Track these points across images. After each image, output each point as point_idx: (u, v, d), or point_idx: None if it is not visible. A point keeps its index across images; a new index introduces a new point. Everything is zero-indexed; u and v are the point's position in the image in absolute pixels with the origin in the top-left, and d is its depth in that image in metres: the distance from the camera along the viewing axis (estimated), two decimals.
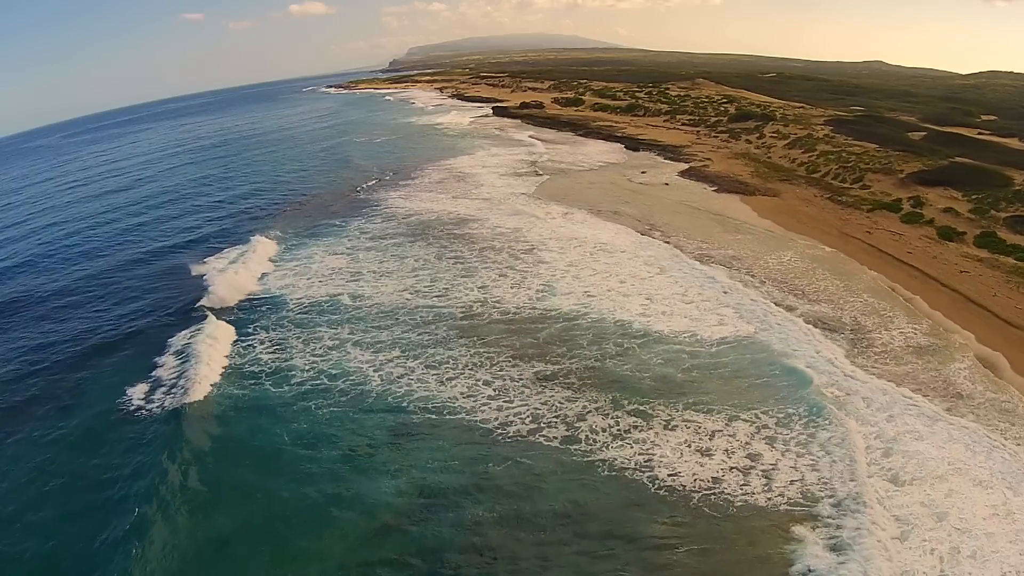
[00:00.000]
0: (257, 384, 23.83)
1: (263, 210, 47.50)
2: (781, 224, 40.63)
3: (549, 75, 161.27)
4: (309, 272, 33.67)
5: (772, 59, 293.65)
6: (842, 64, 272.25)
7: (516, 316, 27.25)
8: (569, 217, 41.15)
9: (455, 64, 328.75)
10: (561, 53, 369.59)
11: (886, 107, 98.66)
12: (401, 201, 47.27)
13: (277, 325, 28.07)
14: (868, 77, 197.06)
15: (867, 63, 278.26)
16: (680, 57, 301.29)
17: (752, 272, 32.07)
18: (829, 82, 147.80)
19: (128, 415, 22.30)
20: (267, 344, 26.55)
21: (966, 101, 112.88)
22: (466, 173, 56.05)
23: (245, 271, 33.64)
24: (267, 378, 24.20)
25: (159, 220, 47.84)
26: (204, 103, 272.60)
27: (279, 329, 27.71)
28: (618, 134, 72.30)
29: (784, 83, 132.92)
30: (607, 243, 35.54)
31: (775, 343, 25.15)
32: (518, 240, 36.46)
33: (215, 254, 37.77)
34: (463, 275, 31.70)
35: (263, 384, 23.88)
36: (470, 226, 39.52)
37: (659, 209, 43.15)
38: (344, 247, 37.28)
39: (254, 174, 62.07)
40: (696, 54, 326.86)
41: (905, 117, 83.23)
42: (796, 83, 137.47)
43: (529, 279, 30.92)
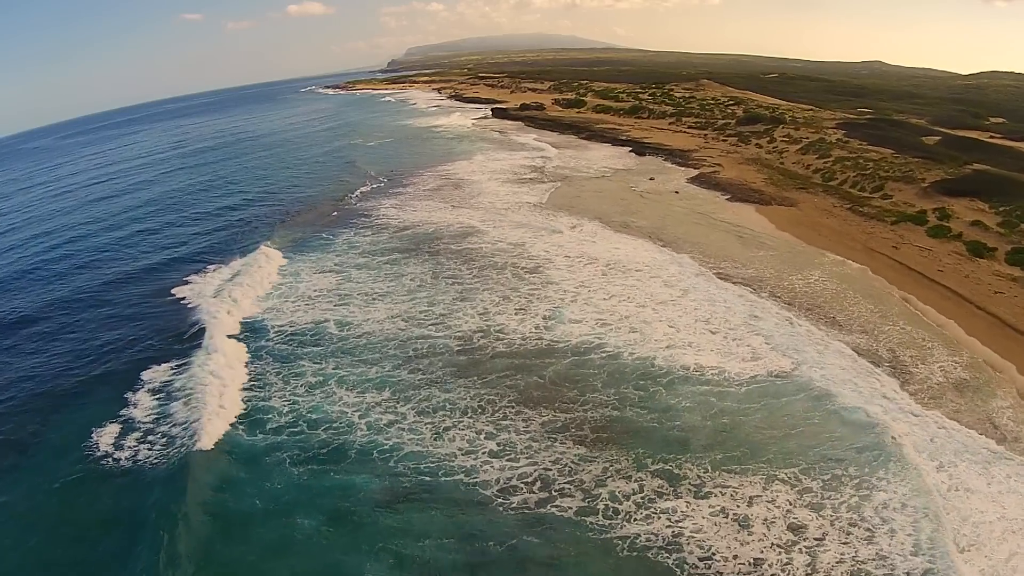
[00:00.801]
0: (230, 430, 20.72)
1: (251, 223, 43.97)
2: (802, 238, 37.55)
3: (548, 75, 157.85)
4: (295, 294, 30.43)
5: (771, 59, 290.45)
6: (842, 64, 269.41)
7: (520, 349, 24.05)
8: (577, 230, 37.87)
9: (453, 64, 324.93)
10: (560, 53, 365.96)
11: (894, 109, 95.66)
12: (395, 211, 44.01)
13: (255, 358, 24.87)
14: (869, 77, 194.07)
15: (867, 63, 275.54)
16: (679, 57, 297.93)
17: (779, 294, 28.96)
18: (833, 83, 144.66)
19: (93, 464, 19.39)
20: (243, 380, 23.39)
21: (973, 103, 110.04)
22: (465, 180, 52.80)
23: (226, 294, 30.52)
24: (240, 422, 21.11)
25: (143, 234, 44.27)
26: (202, 104, 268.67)
27: (257, 362, 24.52)
28: (622, 137, 69.04)
29: (787, 84, 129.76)
30: (620, 260, 32.33)
31: (814, 380, 22.09)
32: (522, 256, 33.25)
33: (199, 272, 34.51)
34: (461, 298, 28.49)
35: (235, 429, 20.78)
36: (469, 240, 36.30)
37: (672, 220, 39.97)
38: (333, 264, 34.04)
39: (244, 182, 58.58)
40: (695, 54, 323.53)
41: (915, 120, 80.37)
42: (800, 84, 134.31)
43: (535, 304, 27.72)
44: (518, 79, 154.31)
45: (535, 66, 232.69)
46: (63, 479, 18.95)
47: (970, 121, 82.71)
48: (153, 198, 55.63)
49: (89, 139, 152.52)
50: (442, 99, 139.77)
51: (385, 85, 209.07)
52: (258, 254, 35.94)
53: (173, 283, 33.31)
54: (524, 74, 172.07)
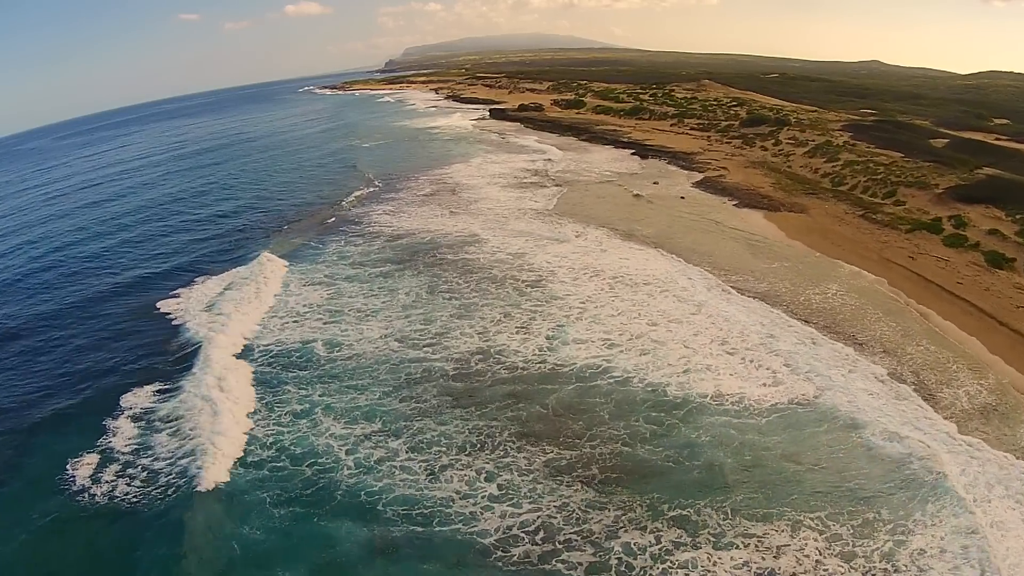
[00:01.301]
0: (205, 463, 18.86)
1: (242, 232, 41.87)
2: (814, 247, 35.78)
3: (547, 76, 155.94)
4: (282, 309, 28.56)
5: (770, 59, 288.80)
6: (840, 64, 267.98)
7: (522, 374, 22.20)
8: (580, 239, 35.98)
9: (451, 64, 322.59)
10: (558, 53, 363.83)
11: (897, 110, 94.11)
12: (390, 218, 42.11)
13: (238, 382, 23.03)
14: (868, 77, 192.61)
15: (865, 63, 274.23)
16: (678, 57, 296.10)
17: (796, 310, 27.17)
18: (834, 83, 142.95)
19: (67, 500, 17.75)
20: (224, 407, 21.49)
21: (975, 104, 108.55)
22: (463, 184, 50.92)
23: (214, 310, 28.73)
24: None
25: (132, 243, 42.11)
26: (199, 104, 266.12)
27: (240, 387, 22.64)
28: (624, 139, 67.19)
29: (788, 84, 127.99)
30: (627, 273, 30.48)
31: (839, 408, 20.34)
32: (523, 268, 31.39)
33: (187, 284, 32.55)
34: (459, 315, 26.64)
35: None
36: (467, 250, 34.43)
37: (679, 228, 38.17)
38: (324, 275, 32.16)
39: (237, 187, 56.50)
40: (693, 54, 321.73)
41: (919, 121, 78.80)
42: (801, 84, 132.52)
43: (538, 321, 25.88)
44: (516, 79, 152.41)
45: (533, 66, 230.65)
46: (34, 518, 17.22)
47: (974, 122, 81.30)
48: (143, 204, 53.58)
49: (85, 140, 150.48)
50: (439, 100, 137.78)
51: (382, 85, 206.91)
52: (248, 266, 34.04)
53: (161, 296, 31.35)
54: (522, 74, 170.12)
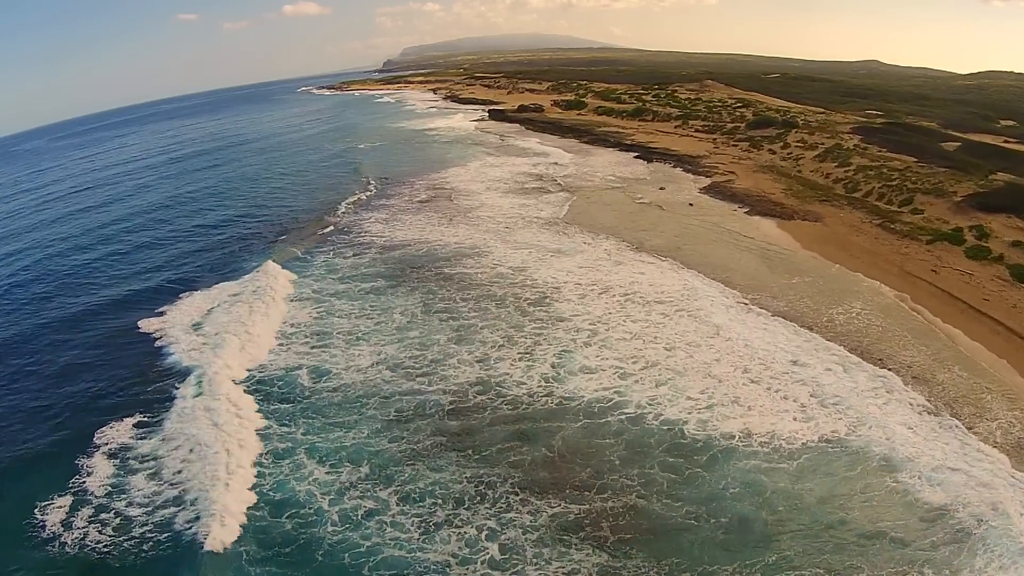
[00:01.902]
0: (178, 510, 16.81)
1: (230, 243, 39.35)
2: (832, 259, 33.69)
3: (546, 76, 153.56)
4: (267, 331, 26.30)
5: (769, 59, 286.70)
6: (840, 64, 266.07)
7: (526, 411, 20.05)
8: (587, 250, 33.79)
9: (449, 64, 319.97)
10: (556, 53, 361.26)
11: (903, 111, 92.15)
12: (385, 228, 39.86)
13: (213, 413, 20.87)
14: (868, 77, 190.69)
15: (864, 63, 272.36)
16: (677, 57, 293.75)
17: (819, 331, 25.07)
18: (835, 83, 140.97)
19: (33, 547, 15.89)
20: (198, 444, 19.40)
21: (980, 105, 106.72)
22: (461, 190, 48.72)
23: (197, 331, 26.70)
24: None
25: (117, 255, 39.57)
26: (196, 104, 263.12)
27: (192, 431, 20.28)
28: (627, 141, 64.98)
29: (791, 84, 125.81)
30: (638, 289, 28.31)
31: (872, 446, 18.31)
32: (525, 285, 29.22)
33: (172, 301, 30.20)
34: (456, 339, 24.47)
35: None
36: (465, 263, 32.24)
37: (690, 238, 36.02)
38: (311, 292, 29.94)
39: (228, 193, 53.93)
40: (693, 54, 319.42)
41: (926, 123, 76.88)
42: (803, 84, 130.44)
43: (542, 346, 23.72)
44: (515, 79, 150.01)
45: (532, 66, 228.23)
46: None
47: (981, 124, 79.55)
48: (133, 211, 51.08)
49: (82, 141, 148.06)
50: (437, 100, 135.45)
51: (380, 86, 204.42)
52: (236, 281, 31.86)
53: (145, 314, 28.95)
54: (521, 74, 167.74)
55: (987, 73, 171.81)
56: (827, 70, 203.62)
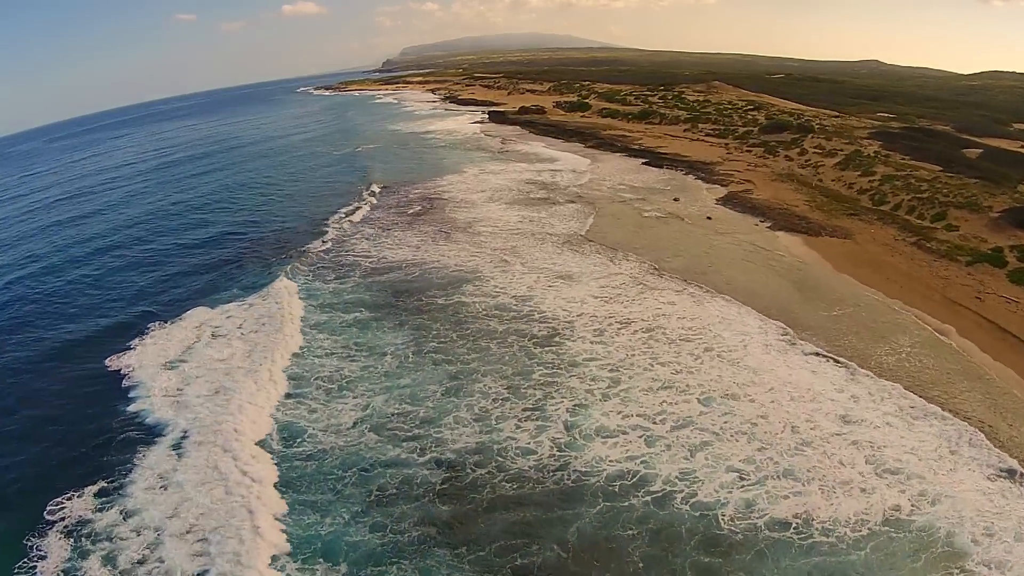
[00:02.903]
0: None
1: (208, 265, 34.99)
2: (867, 282, 30.00)
3: (547, 76, 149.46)
4: (240, 378, 22.52)
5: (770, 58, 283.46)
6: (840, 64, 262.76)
7: (532, 491, 16.18)
8: (602, 273, 29.84)
9: (448, 64, 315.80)
10: (556, 53, 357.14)
11: (914, 114, 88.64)
12: (373, 246, 35.71)
13: (169, 484, 17.16)
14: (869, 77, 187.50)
15: (865, 62, 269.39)
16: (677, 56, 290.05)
17: (867, 373, 21.53)
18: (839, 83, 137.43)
19: None
20: (130, 543, 15.61)
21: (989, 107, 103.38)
22: (459, 201, 44.85)
23: (170, 370, 23.10)
24: None
25: (90, 280, 34.98)
26: (193, 105, 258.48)
27: (154, 507, 16.65)
28: (634, 146, 61.05)
29: (796, 85, 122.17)
30: (662, 325, 24.45)
31: (937, 525, 14.89)
32: (532, 318, 25.28)
33: (145, 335, 26.24)
34: (452, 390, 20.65)
35: None
36: (463, 290, 28.35)
37: (712, 258, 32.12)
38: (289, 329, 26.02)
39: (210, 207, 49.43)
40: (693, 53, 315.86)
41: (940, 126, 73.33)
42: (807, 85, 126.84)
43: (553, 400, 19.90)
44: (515, 79, 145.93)
45: (532, 66, 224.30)
46: None
47: (994, 127, 76.18)
48: (112, 227, 46.39)
49: (77, 143, 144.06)
50: (436, 101, 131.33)
51: (378, 86, 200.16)
52: (213, 309, 28.11)
53: (117, 351, 24.89)
54: (521, 74, 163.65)
55: (990, 73, 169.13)
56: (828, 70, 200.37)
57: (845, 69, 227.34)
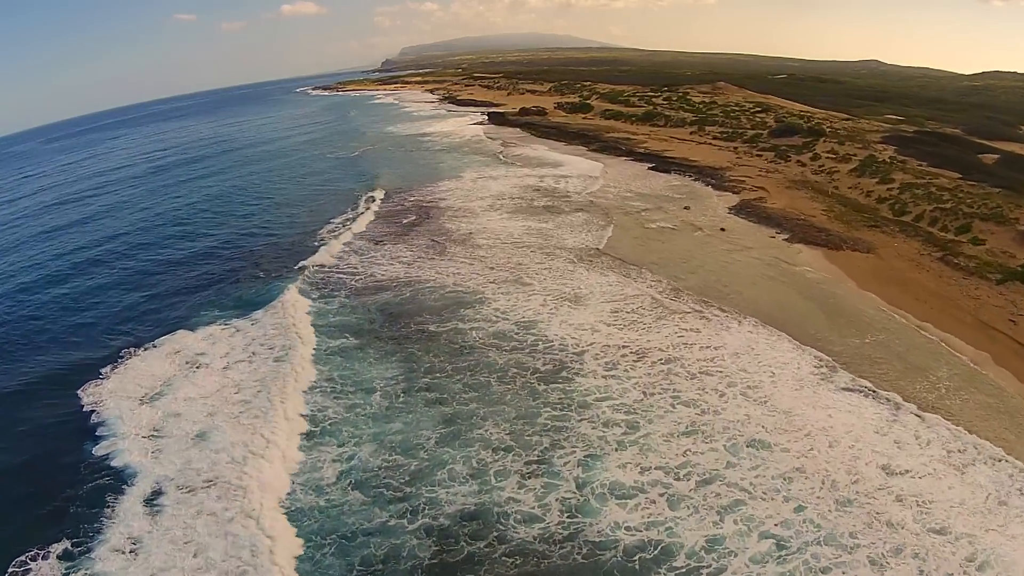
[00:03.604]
0: None
1: (190, 285, 31.82)
2: (895, 303, 27.68)
3: (547, 76, 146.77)
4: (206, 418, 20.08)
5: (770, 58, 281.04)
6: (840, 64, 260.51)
7: (538, 567, 13.75)
8: (613, 294, 27.25)
9: (447, 64, 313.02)
10: (555, 53, 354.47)
11: (922, 116, 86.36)
12: (362, 261, 32.97)
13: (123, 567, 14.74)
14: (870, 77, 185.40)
15: (864, 62, 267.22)
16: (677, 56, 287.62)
17: (906, 411, 19.37)
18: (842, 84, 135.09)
19: None
20: None
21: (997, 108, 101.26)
22: (457, 209, 42.34)
23: (148, 404, 20.76)
24: None
25: (65, 301, 31.91)
26: (191, 105, 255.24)
27: None
28: (639, 149, 58.51)
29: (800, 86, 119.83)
30: (681, 355, 21.95)
31: None
32: (536, 349, 22.67)
33: (117, 363, 23.64)
34: (447, 437, 18.13)
35: None
36: (460, 315, 25.75)
37: (730, 275, 29.61)
38: (261, 361, 23.40)
39: (195, 218, 46.26)
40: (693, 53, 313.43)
41: (950, 129, 71.06)
42: (811, 85, 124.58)
43: (562, 450, 17.39)
44: (515, 80, 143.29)
45: (532, 66, 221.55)
46: None
47: (1004, 131, 74.24)
48: (95, 240, 43.11)
49: (74, 143, 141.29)
50: (434, 101, 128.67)
51: (376, 86, 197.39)
52: (193, 333, 25.66)
53: (90, 384, 22.25)
54: (521, 74, 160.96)
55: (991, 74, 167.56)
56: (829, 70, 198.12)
57: (846, 69, 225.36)
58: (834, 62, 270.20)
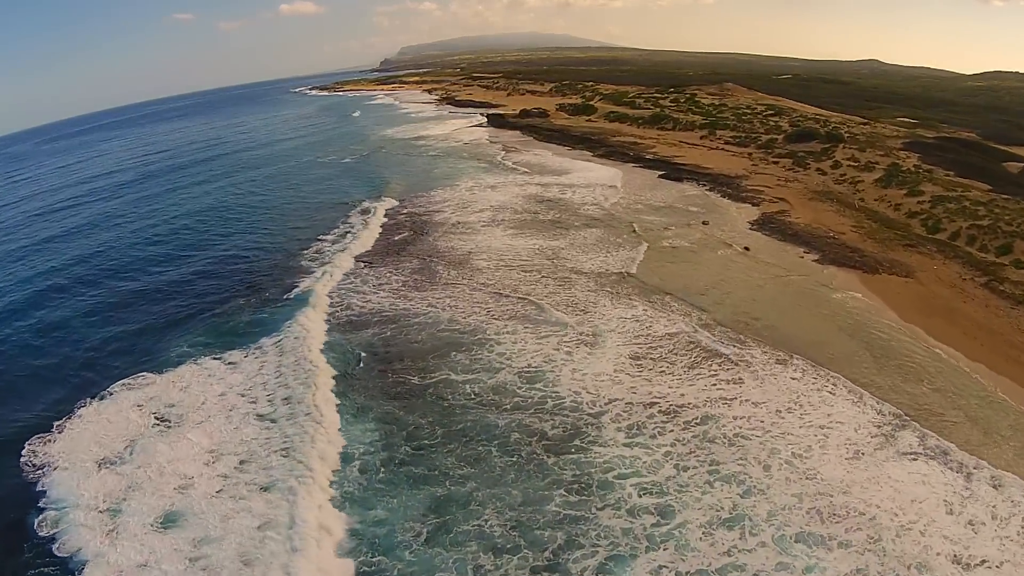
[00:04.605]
0: None
1: (156, 320, 27.76)
2: (943, 337, 24.44)
3: (547, 76, 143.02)
4: (143, 513, 16.55)
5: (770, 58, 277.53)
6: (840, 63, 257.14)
7: None
8: (635, 333, 23.55)
9: (446, 64, 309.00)
10: (554, 52, 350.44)
11: (935, 119, 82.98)
12: (337, 287, 29.26)
13: None
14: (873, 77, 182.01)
15: (865, 62, 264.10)
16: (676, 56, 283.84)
17: (976, 485, 16.00)
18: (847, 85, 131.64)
19: None
20: None
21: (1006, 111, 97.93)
22: (453, 224, 38.71)
23: (95, 479, 17.22)
24: None
25: (16, 339, 27.99)
26: (187, 106, 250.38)
27: None
28: (648, 155, 54.92)
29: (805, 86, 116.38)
30: (718, 412, 18.46)
31: None
32: (544, 407, 18.98)
33: (72, 415, 20.28)
34: (435, 532, 14.46)
35: None
36: (453, 360, 21.93)
37: (761, 303, 26.03)
38: (222, 422, 19.72)
39: (176, 235, 42.04)
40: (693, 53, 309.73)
41: (965, 134, 67.73)
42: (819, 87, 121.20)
43: (579, 548, 13.78)
44: (515, 80, 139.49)
45: (531, 66, 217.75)
46: None
47: (1019, 134, 70.77)
48: (65, 262, 38.52)
49: (67, 145, 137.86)
50: (433, 102, 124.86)
51: (374, 86, 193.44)
52: (157, 383, 22.10)
53: (30, 436, 19.13)
54: (521, 74, 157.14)
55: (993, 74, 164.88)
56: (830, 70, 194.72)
57: (846, 69, 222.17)
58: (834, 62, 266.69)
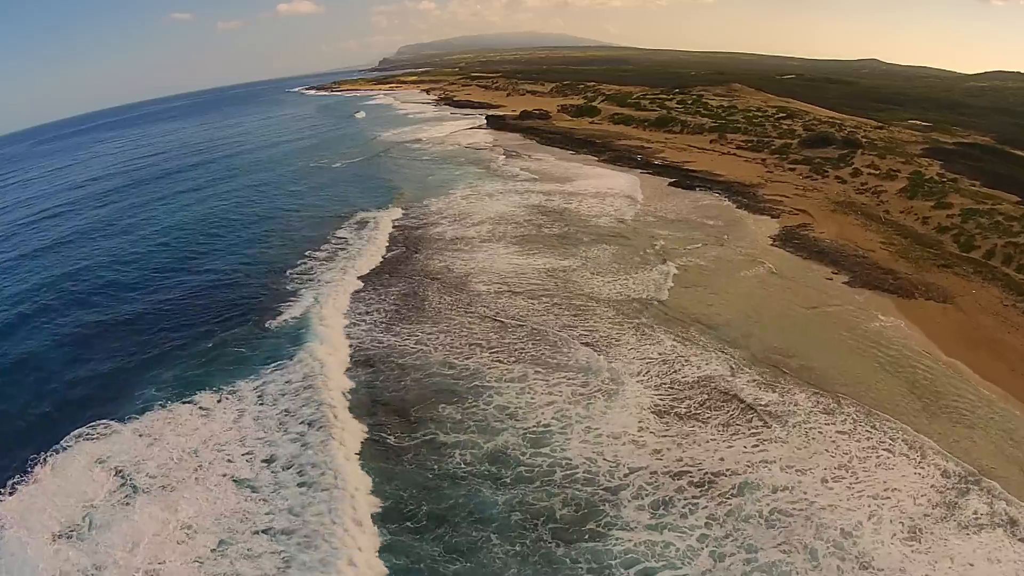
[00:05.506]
0: None
1: (122, 359, 24.21)
2: (989, 375, 21.72)
3: (547, 76, 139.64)
4: None
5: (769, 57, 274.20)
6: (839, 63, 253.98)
7: None
8: (658, 376, 20.44)
9: (445, 63, 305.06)
10: (553, 52, 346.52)
11: (946, 121, 80.00)
12: (314, 317, 25.94)
13: None
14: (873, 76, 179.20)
15: (864, 61, 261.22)
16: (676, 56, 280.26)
17: None
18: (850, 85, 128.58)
19: None
20: None
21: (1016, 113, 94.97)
22: (449, 240, 35.63)
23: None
24: None
25: None
26: (184, 106, 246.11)
27: None
28: (656, 160, 51.82)
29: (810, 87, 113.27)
30: (757, 478, 15.48)
31: None
32: (552, 478, 15.88)
33: (25, 475, 17.26)
34: None
35: None
36: (443, 415, 18.66)
37: (792, 335, 23.00)
38: (215, 484, 16.92)
39: (152, 255, 38.04)
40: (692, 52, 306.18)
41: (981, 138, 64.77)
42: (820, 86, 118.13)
43: None
44: (515, 80, 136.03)
45: (530, 65, 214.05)
46: None
47: None
48: (31, 288, 34.39)
49: (62, 146, 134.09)
50: (430, 102, 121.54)
51: (372, 86, 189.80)
52: (122, 434, 19.09)
53: None
54: (520, 74, 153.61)
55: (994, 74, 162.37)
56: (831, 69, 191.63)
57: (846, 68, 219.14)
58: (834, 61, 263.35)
